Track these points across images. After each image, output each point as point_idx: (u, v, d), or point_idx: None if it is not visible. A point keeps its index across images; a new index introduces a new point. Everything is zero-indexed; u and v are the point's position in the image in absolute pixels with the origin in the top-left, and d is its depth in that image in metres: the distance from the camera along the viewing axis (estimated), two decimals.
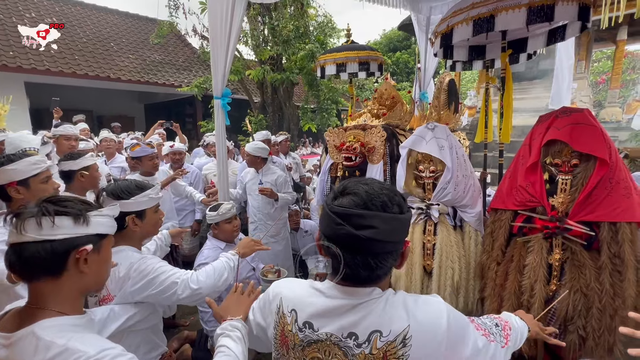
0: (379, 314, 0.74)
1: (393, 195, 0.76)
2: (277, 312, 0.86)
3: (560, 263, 1.70)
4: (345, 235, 0.72)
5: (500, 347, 0.85)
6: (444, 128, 2.10)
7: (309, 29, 7.85)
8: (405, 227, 0.78)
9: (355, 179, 0.80)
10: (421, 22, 4.56)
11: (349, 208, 0.72)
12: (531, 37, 2.91)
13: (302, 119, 8.59)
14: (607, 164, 1.57)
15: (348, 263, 0.74)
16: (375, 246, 0.72)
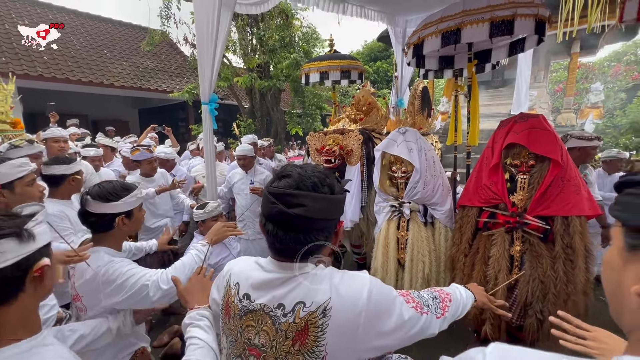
0: (306, 287, 0.75)
1: (324, 178, 0.78)
2: (225, 286, 0.87)
3: (521, 254, 1.75)
4: (278, 213, 0.73)
5: (435, 317, 0.86)
6: (414, 132, 2.12)
7: (294, 39, 7.82)
8: (337, 207, 0.79)
9: (294, 165, 0.82)
10: (398, 34, 4.61)
11: (283, 188, 0.74)
12: (495, 48, 2.98)
13: (288, 124, 8.55)
14: (560, 164, 1.61)
15: (281, 238, 0.76)
16: (305, 223, 0.74)
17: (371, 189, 2.71)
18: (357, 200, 2.66)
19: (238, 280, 0.84)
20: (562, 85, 11.97)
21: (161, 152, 3.64)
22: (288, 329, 0.74)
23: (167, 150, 3.75)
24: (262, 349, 0.76)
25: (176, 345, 2.41)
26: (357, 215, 2.67)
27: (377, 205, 2.37)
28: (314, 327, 0.72)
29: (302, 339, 0.73)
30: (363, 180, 2.64)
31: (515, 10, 1.98)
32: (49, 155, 2.83)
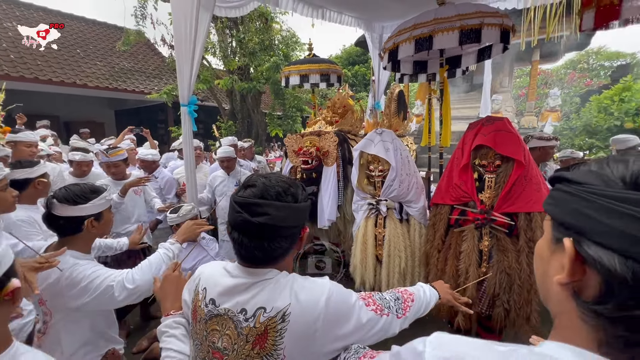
0: (268, 293, 0.76)
1: (288, 187, 0.79)
2: (195, 289, 0.87)
3: (489, 249, 1.82)
4: (242, 221, 0.75)
5: (396, 317, 0.89)
6: (390, 133, 2.16)
7: (274, 42, 7.76)
8: (300, 214, 0.81)
9: (259, 174, 0.83)
10: (374, 40, 4.67)
11: (247, 198, 0.76)
12: (464, 55, 3.09)
13: (269, 125, 8.47)
14: (523, 164, 1.70)
15: (246, 246, 0.77)
16: (269, 231, 0.75)
17: (347, 189, 2.73)
18: (334, 200, 2.68)
19: (206, 285, 0.84)
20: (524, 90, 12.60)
21: (148, 154, 3.50)
22: (249, 333, 0.75)
23: (152, 152, 3.63)
24: (225, 352, 0.77)
25: (155, 350, 2.32)
26: (334, 215, 2.68)
27: (355, 203, 2.39)
28: (273, 331, 0.73)
29: (262, 343, 0.74)
30: (339, 180, 2.67)
31: (483, 20, 2.06)
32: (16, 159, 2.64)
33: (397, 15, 3.75)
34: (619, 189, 0.37)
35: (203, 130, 10.28)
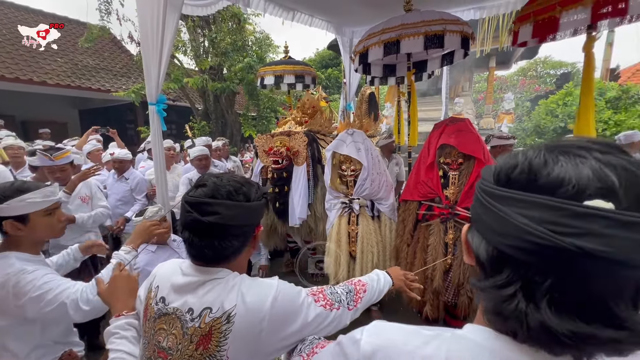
0: (216, 293, 0.74)
1: (240, 186, 0.78)
2: (149, 287, 0.85)
3: (454, 241, 1.88)
4: (192, 220, 0.74)
5: (347, 310, 0.88)
6: (361, 133, 2.17)
7: (247, 43, 7.57)
8: (252, 213, 0.80)
9: (211, 174, 0.82)
10: (345, 44, 4.71)
11: (198, 197, 0.75)
12: (430, 59, 3.19)
13: (243, 126, 8.26)
14: (483, 162, 1.78)
15: (196, 245, 0.76)
16: (219, 230, 0.74)
17: (317, 187, 2.74)
18: (305, 199, 2.67)
19: (159, 284, 0.82)
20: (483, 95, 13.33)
21: (121, 154, 3.24)
22: (193, 333, 0.73)
23: (124, 152, 3.37)
24: (169, 352, 0.75)
25: None
26: (304, 213, 2.68)
27: (328, 202, 2.39)
28: (217, 332, 0.72)
29: (205, 344, 0.72)
30: (309, 179, 2.67)
31: (445, 27, 2.13)
32: None
33: (367, 20, 3.79)
34: (491, 184, 0.39)
35: (176, 130, 9.82)
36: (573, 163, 0.34)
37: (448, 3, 3.38)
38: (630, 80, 10.02)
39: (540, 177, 0.35)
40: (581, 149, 0.36)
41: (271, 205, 2.84)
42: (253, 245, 0.84)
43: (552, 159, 0.36)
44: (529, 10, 1.85)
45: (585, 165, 0.34)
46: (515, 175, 0.37)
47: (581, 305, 0.33)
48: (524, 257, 0.35)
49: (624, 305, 0.33)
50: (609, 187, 0.32)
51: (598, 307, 0.33)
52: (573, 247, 0.31)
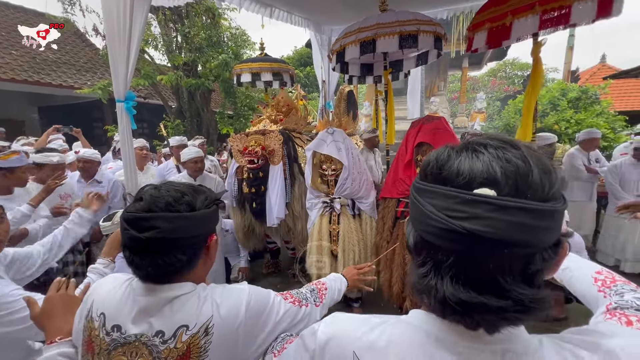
0: (190, 310, 0.70)
1: (181, 196, 0.72)
2: (87, 316, 0.74)
3: None
4: (130, 239, 0.69)
5: (314, 306, 0.91)
6: (340, 132, 2.18)
7: (222, 39, 7.36)
8: (199, 223, 0.73)
9: (151, 186, 0.76)
10: (323, 42, 4.71)
11: (134, 213, 0.69)
12: (406, 59, 3.26)
13: (220, 124, 8.04)
14: None
15: (138, 265, 0.70)
16: (159, 245, 0.69)
17: (294, 186, 2.72)
18: (282, 198, 2.65)
19: (104, 310, 0.72)
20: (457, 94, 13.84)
21: (92, 153, 2.91)
22: (168, 355, 0.68)
23: (91, 151, 3.02)
24: None
25: None
26: (282, 212, 2.66)
27: (309, 202, 2.38)
28: (197, 348, 0.68)
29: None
30: (286, 178, 2.65)
31: (419, 27, 2.18)
32: None
33: (345, 18, 3.82)
34: (418, 179, 0.44)
35: (148, 129, 9.40)
36: (470, 157, 0.40)
37: (421, 4, 3.47)
38: (589, 81, 10.79)
39: (444, 170, 0.41)
40: (481, 145, 0.41)
41: (248, 205, 2.78)
42: (208, 256, 0.78)
43: (455, 154, 0.41)
44: (483, 18, 1.94)
45: (479, 159, 0.39)
46: (429, 170, 0.43)
47: (476, 279, 0.38)
48: (432, 240, 0.40)
49: (511, 279, 0.38)
50: (492, 177, 0.37)
51: (488, 280, 0.38)
52: (462, 229, 0.36)
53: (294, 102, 3.29)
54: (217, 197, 0.80)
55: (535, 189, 0.37)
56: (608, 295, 0.63)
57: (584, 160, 3.57)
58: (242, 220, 2.88)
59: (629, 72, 7.04)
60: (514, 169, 0.37)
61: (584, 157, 3.59)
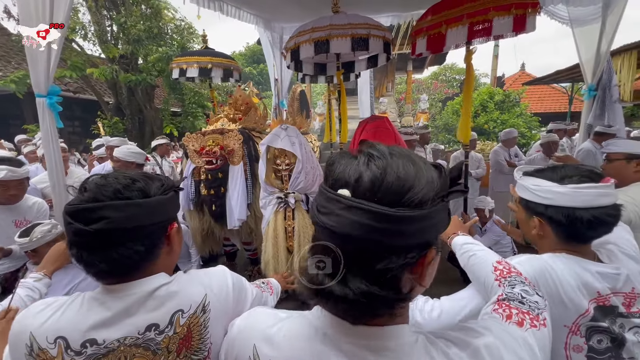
0: (180, 295, 0.70)
1: (132, 182, 0.68)
2: (29, 352, 0.64)
3: None
4: (76, 233, 0.62)
5: (269, 294, 0.99)
6: (294, 128, 2.20)
7: (164, 31, 6.84)
8: (154, 210, 0.69)
9: (96, 175, 0.70)
10: (275, 40, 4.66)
11: (77, 205, 0.63)
12: (357, 61, 3.38)
13: (164, 122, 7.48)
14: None
15: (87, 262, 0.64)
16: (110, 237, 0.63)
17: (255, 187, 2.67)
18: (243, 199, 2.57)
19: (59, 334, 0.64)
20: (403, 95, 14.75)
21: None
22: (169, 343, 0.67)
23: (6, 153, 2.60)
24: None
25: None
26: (244, 214, 2.59)
27: (262, 199, 2.35)
28: (197, 327, 0.70)
29: (187, 343, 0.69)
30: (247, 178, 2.58)
31: (370, 31, 2.28)
32: None
33: (296, 17, 3.83)
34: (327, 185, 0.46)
35: (80, 127, 8.34)
36: (345, 164, 0.44)
37: (369, 9, 3.63)
38: (512, 87, 12.35)
39: (327, 171, 0.46)
40: (359, 153, 0.45)
41: (207, 208, 2.65)
42: (170, 245, 0.74)
43: (337, 161, 0.46)
44: (422, 25, 2.13)
45: (351, 166, 0.43)
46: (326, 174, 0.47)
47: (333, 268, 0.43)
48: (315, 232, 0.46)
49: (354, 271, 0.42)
50: (349, 181, 0.42)
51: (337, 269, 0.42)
52: (320, 222, 0.42)
53: (252, 100, 3.20)
54: (176, 184, 0.76)
55: (385, 194, 0.40)
56: (502, 285, 0.69)
57: (505, 155, 4.12)
58: (200, 223, 2.73)
59: (542, 79, 8.21)
60: (370, 175, 0.41)
61: (506, 153, 4.15)
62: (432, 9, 2.12)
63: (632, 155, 1.60)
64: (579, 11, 3.34)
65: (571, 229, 0.81)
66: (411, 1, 3.56)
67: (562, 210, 0.80)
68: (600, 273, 0.81)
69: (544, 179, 0.85)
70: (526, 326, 0.54)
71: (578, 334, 0.80)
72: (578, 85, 7.33)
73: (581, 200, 0.78)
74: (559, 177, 0.83)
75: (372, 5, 3.64)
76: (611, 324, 0.80)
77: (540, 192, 0.84)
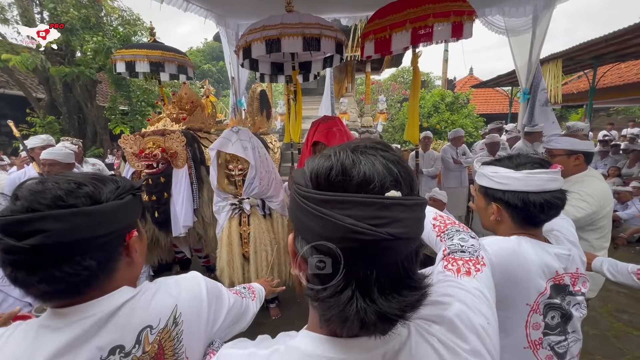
0: (146, 310, 0.63)
1: (76, 187, 0.57)
2: None
3: None
4: (6, 250, 0.52)
5: (251, 300, 0.94)
6: (246, 131, 2.12)
7: (103, 21, 6.23)
8: (107, 218, 0.59)
9: (32, 179, 0.60)
10: (230, 36, 4.48)
11: (7, 216, 0.53)
12: (314, 61, 3.37)
13: (111, 122, 6.83)
14: None
15: (25, 282, 0.54)
16: (52, 253, 0.53)
17: (202, 191, 2.53)
18: (189, 204, 2.43)
19: None
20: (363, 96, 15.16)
21: None
22: None
23: None
24: None
25: None
26: (190, 220, 2.44)
27: (216, 205, 2.24)
28: (169, 341, 0.64)
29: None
30: (192, 182, 2.44)
31: (321, 31, 2.27)
32: None
33: (250, 15, 3.71)
34: (309, 188, 0.40)
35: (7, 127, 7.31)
36: (370, 162, 0.39)
37: (323, 10, 3.64)
38: (462, 89, 13.31)
39: (353, 177, 0.37)
40: (370, 148, 0.41)
41: (149, 215, 2.45)
42: (130, 255, 0.65)
43: (357, 159, 0.39)
44: (369, 29, 2.18)
45: (377, 163, 0.39)
46: (333, 177, 0.38)
47: (397, 281, 0.38)
48: (351, 256, 0.36)
49: (416, 269, 0.41)
50: (396, 179, 0.38)
51: (406, 278, 0.39)
52: (387, 235, 0.35)
53: (199, 98, 3.02)
54: (135, 185, 0.66)
55: (416, 184, 0.41)
56: (443, 240, 0.70)
57: (452, 154, 4.43)
58: None
59: (487, 83, 8.95)
60: (406, 169, 0.39)
61: (453, 152, 4.46)
62: (378, 12, 2.18)
63: (571, 151, 1.77)
64: (513, 22, 3.66)
65: (526, 213, 0.89)
66: (362, 4, 3.64)
67: (518, 194, 0.88)
68: (557, 254, 0.90)
69: (501, 166, 0.93)
70: (473, 273, 0.56)
71: (538, 312, 0.87)
72: (517, 89, 8.12)
73: (534, 184, 0.86)
74: (515, 165, 0.91)
75: (325, 5, 3.66)
76: (562, 301, 0.89)
77: (498, 179, 0.91)
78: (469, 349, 0.44)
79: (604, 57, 5.49)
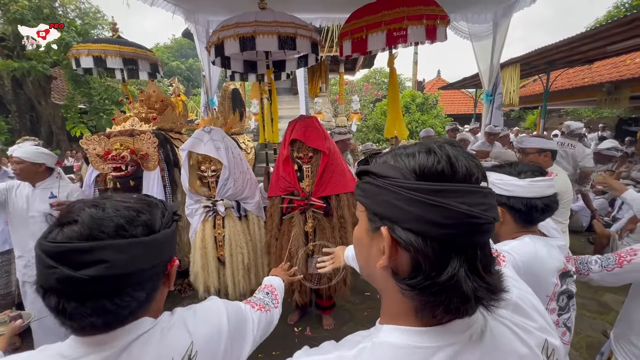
0: (157, 347, 0.59)
1: (137, 215, 0.56)
2: None
3: (313, 229, 2.07)
4: (59, 280, 0.49)
5: (274, 308, 0.96)
6: (219, 131, 2.06)
7: (58, 12, 5.75)
8: (161, 248, 0.59)
9: (88, 200, 0.57)
10: (200, 33, 4.33)
11: (65, 243, 0.50)
12: (288, 60, 3.34)
13: (68, 122, 6.31)
14: (327, 155, 2.01)
15: (73, 314, 0.51)
16: (109, 285, 0.52)
17: (176, 194, 2.43)
18: None
19: None
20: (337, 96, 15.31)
21: None
22: None
23: None
24: None
25: None
26: None
27: (188, 208, 2.15)
28: None
29: None
30: (165, 185, 2.33)
31: (296, 30, 2.25)
32: None
33: (219, 11, 3.61)
34: (413, 180, 0.42)
35: None
36: (463, 157, 0.42)
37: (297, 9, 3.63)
38: (430, 91, 13.86)
39: (459, 169, 0.41)
40: (448, 144, 0.44)
41: None
42: (167, 285, 0.64)
43: (457, 154, 0.42)
44: (347, 29, 2.22)
45: (462, 157, 0.42)
46: (442, 170, 0.41)
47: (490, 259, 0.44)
48: (463, 239, 0.40)
49: None
50: (482, 172, 0.44)
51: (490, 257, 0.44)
52: (491, 219, 0.40)
53: (169, 97, 2.88)
54: (174, 209, 0.64)
55: None
56: None
57: None
58: None
59: (453, 85, 9.39)
60: (477, 162, 0.44)
61: None
62: (355, 13, 2.20)
63: (541, 149, 2.05)
64: (476, 28, 3.88)
65: (528, 215, 0.99)
66: (337, 5, 3.67)
67: (522, 200, 0.98)
68: (559, 246, 1.03)
69: (504, 174, 1.02)
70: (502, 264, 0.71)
71: (554, 299, 1.01)
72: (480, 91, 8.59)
73: (536, 191, 0.96)
74: (517, 172, 1.01)
75: (300, 5, 3.64)
76: (567, 285, 1.02)
77: (503, 185, 1.00)
78: (537, 327, 0.50)
79: (556, 62, 5.97)
